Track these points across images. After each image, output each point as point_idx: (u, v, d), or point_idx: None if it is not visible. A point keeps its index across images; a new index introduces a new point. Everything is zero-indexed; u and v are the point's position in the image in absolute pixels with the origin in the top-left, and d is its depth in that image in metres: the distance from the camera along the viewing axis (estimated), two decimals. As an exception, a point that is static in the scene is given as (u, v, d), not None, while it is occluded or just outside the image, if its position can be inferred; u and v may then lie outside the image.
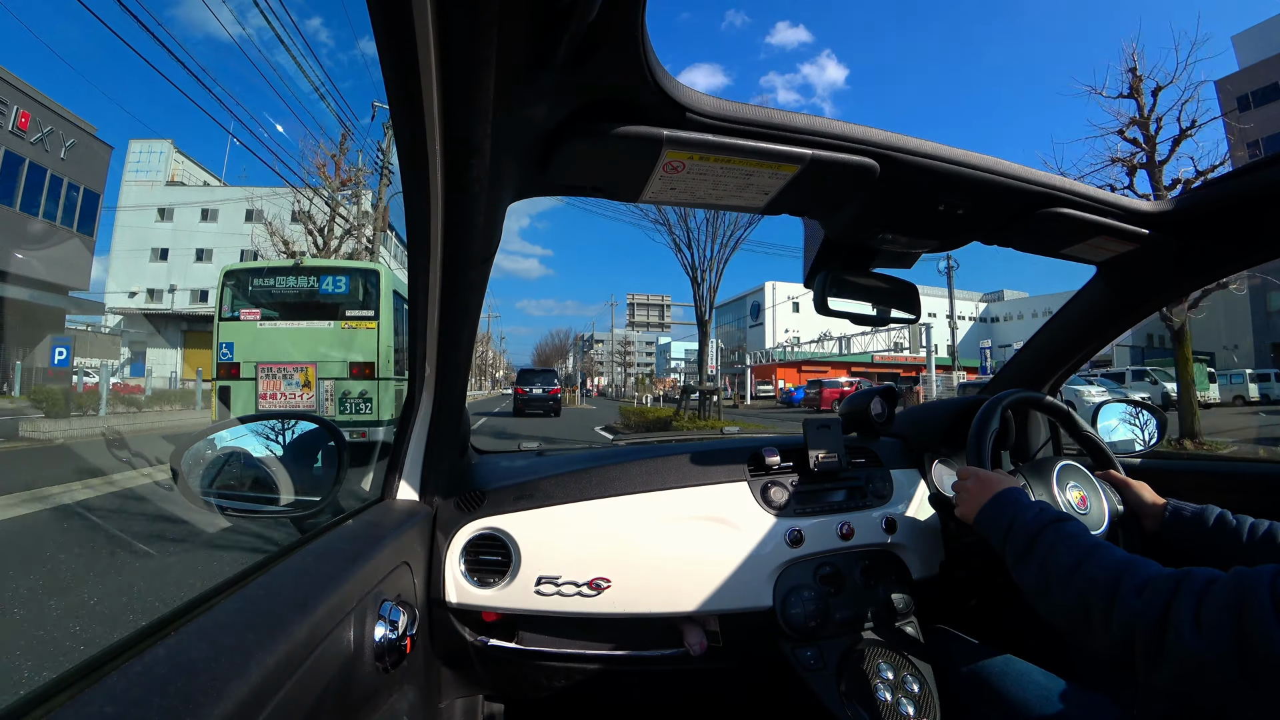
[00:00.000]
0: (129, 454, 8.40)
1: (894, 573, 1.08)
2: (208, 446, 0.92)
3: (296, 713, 0.47)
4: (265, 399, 6.99)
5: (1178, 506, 0.96)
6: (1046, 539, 0.71)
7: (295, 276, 7.15)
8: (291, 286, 7.15)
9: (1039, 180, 0.78)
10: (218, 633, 0.46)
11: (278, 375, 6.97)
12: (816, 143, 0.64)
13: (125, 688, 0.38)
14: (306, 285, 7.13)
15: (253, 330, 7.02)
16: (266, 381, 6.98)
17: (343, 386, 7.00)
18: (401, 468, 0.94)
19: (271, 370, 6.99)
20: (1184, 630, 0.52)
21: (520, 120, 0.54)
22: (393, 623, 0.68)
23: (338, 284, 7.15)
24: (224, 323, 7.01)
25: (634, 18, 0.45)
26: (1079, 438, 1.14)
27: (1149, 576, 0.59)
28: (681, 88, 0.55)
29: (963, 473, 0.93)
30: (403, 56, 0.43)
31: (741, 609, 0.98)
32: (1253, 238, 0.91)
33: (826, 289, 0.90)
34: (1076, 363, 1.29)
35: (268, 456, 0.92)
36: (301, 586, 0.56)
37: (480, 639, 0.99)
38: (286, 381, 6.98)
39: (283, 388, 6.99)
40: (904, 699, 0.91)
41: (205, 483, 0.89)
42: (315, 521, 0.85)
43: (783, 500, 1.04)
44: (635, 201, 0.72)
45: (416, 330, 0.80)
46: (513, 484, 1.03)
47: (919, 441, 1.26)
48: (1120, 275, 1.08)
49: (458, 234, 0.65)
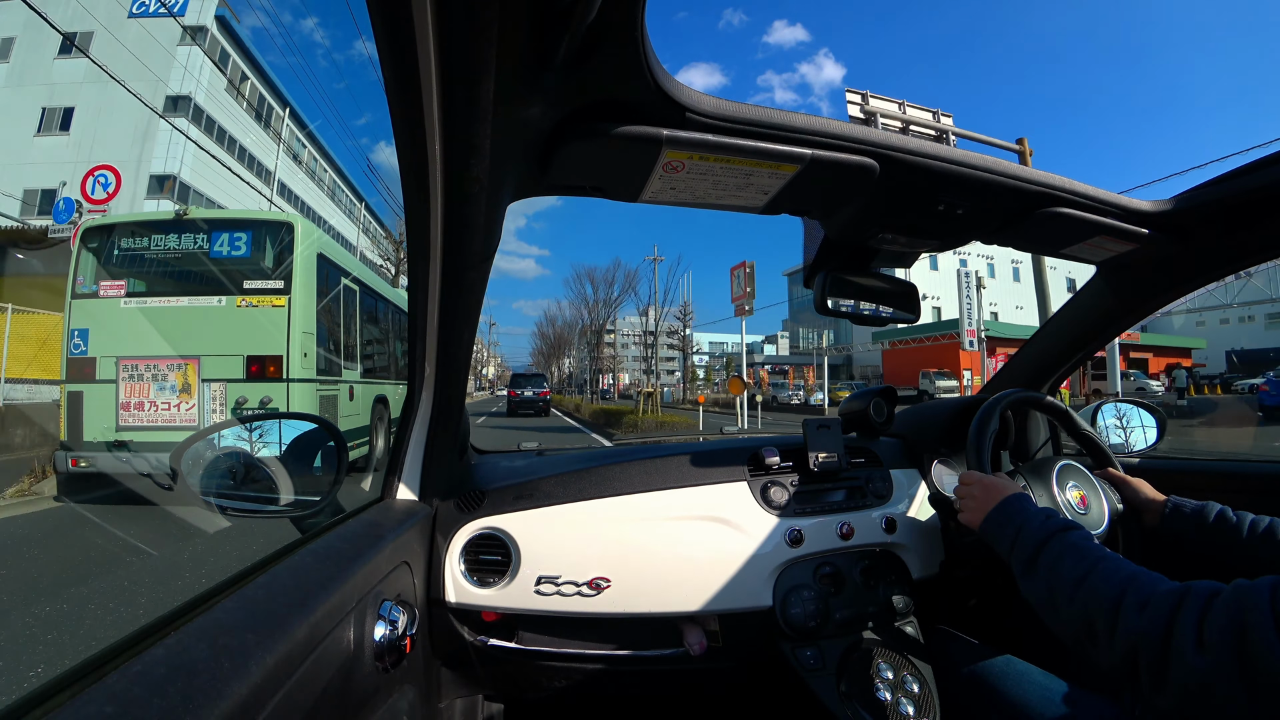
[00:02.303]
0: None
1: (894, 573, 1.08)
2: (208, 446, 0.92)
3: (296, 713, 0.47)
4: (128, 410, 4.86)
5: (1178, 503, 0.96)
6: (1052, 549, 0.71)
7: (178, 233, 5.09)
8: (172, 247, 5.06)
9: (1039, 180, 0.78)
10: (217, 633, 0.45)
11: (145, 376, 4.89)
12: (816, 142, 0.64)
13: (125, 688, 0.38)
14: (192, 244, 5.07)
15: (115, 311, 4.95)
16: (130, 386, 4.86)
17: (239, 392, 4.92)
18: (401, 468, 0.94)
19: (138, 369, 4.89)
20: (1186, 649, 0.52)
21: (520, 120, 0.54)
22: (392, 622, 0.68)
23: (236, 243, 5.07)
24: (78, 301, 4.99)
25: (634, 18, 0.45)
26: (1078, 437, 1.14)
27: (1151, 593, 0.58)
28: (681, 88, 0.55)
29: (965, 478, 0.93)
30: (403, 56, 0.43)
31: (741, 609, 0.98)
32: (1253, 238, 0.91)
33: (826, 289, 0.90)
34: (1076, 362, 1.29)
35: (268, 456, 0.92)
36: (301, 586, 0.56)
37: (480, 639, 0.99)
38: (157, 385, 4.87)
39: (152, 394, 4.86)
40: (904, 699, 0.91)
41: (205, 483, 0.89)
42: (315, 521, 0.86)
43: (783, 500, 1.04)
44: (635, 201, 0.72)
45: (416, 330, 0.80)
46: (512, 484, 1.03)
47: (919, 441, 1.26)
48: (1120, 275, 1.08)
49: (458, 234, 0.65)
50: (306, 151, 29.98)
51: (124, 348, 4.92)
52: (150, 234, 5.12)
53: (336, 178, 34.19)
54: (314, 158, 31.11)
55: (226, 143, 22.17)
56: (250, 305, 5.03)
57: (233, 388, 4.97)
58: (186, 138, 13.45)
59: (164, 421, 4.91)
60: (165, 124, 11.66)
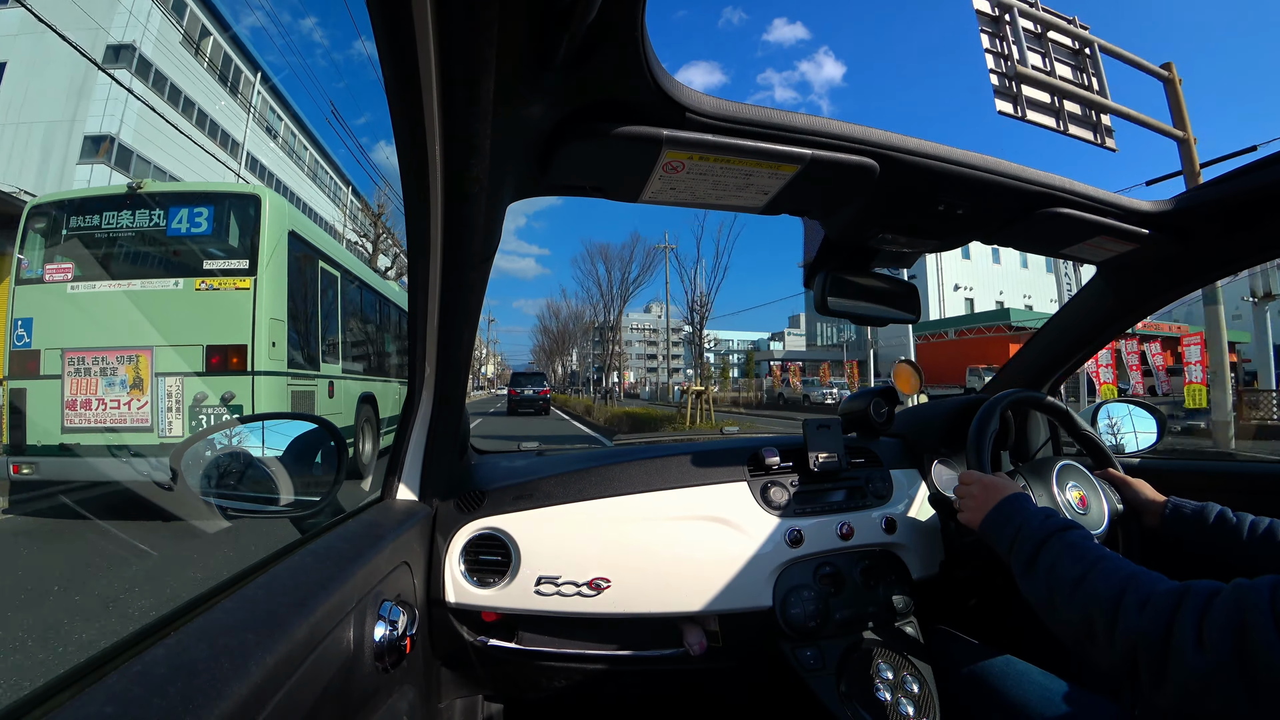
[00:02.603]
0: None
1: (894, 573, 1.08)
2: (207, 446, 0.92)
3: (296, 713, 0.47)
4: (74, 409, 4.32)
5: (1178, 504, 0.96)
6: (1052, 548, 0.71)
7: (131, 209, 4.52)
8: (126, 225, 4.51)
9: (1039, 180, 0.78)
10: (217, 633, 0.45)
11: (93, 370, 4.31)
12: (816, 142, 0.64)
13: (125, 688, 0.38)
14: (148, 221, 4.53)
15: (62, 297, 4.43)
16: (76, 381, 4.32)
17: (197, 388, 4.34)
18: (401, 468, 0.94)
19: (84, 362, 4.31)
20: (1186, 649, 0.52)
21: (520, 120, 0.54)
22: (392, 623, 0.68)
23: (196, 219, 4.53)
24: (22, 287, 4.48)
25: (634, 18, 0.45)
26: (1078, 437, 1.14)
27: (1151, 593, 0.58)
28: (681, 88, 0.55)
29: (965, 478, 0.93)
30: (403, 56, 0.43)
31: (741, 609, 0.98)
32: (1253, 238, 0.91)
33: (826, 289, 0.90)
34: (1076, 362, 1.29)
35: (268, 456, 0.92)
36: (301, 586, 0.56)
37: (480, 639, 0.99)
38: (106, 380, 4.30)
39: (100, 390, 4.30)
40: (904, 699, 0.91)
41: (205, 483, 0.89)
42: (315, 521, 0.86)
43: (783, 500, 1.04)
44: (635, 201, 0.72)
45: (416, 330, 0.80)
46: (512, 484, 1.03)
47: (919, 441, 1.26)
48: (1120, 275, 1.08)
49: (457, 234, 0.65)
50: (283, 125, 27.01)
51: (71, 338, 4.38)
52: (102, 210, 4.54)
53: (319, 156, 30.74)
54: (292, 132, 27.95)
55: (183, 105, 19.52)
56: (210, 288, 4.44)
57: (190, 382, 4.33)
58: (130, 92, 11.45)
59: (113, 422, 4.30)
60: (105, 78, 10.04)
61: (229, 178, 17.88)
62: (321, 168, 31.67)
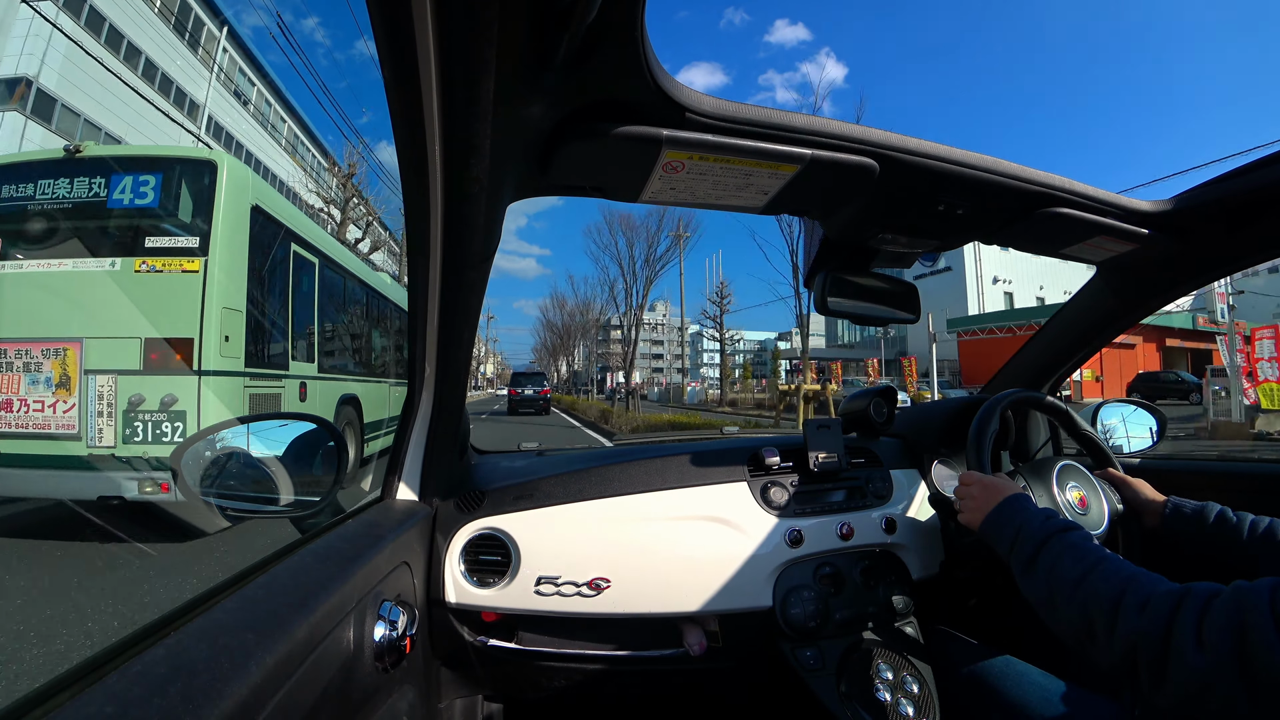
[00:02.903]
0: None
1: (894, 573, 1.08)
2: (208, 446, 0.92)
3: (296, 713, 0.47)
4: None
5: (1178, 504, 0.96)
6: (1052, 549, 0.71)
7: (69, 176, 3.80)
8: (62, 195, 3.79)
9: (1039, 180, 0.78)
10: (217, 633, 0.46)
11: (15, 366, 3.58)
12: (816, 143, 0.64)
13: (125, 688, 0.38)
14: (86, 191, 3.79)
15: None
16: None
17: (134, 388, 3.56)
18: (401, 468, 0.94)
19: (5, 355, 3.58)
20: (1186, 649, 0.52)
21: (520, 120, 0.54)
22: (392, 623, 0.68)
23: (141, 188, 3.78)
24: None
25: (634, 18, 0.45)
26: (1078, 437, 1.14)
27: (1151, 593, 0.58)
28: (681, 88, 0.55)
29: (965, 478, 0.93)
30: (403, 56, 0.43)
31: (741, 609, 0.98)
32: (1253, 237, 0.91)
33: (826, 289, 0.90)
34: (1076, 363, 1.29)
35: (268, 456, 0.92)
36: (301, 586, 0.56)
37: (480, 639, 0.99)
38: (29, 377, 3.58)
39: (22, 389, 3.57)
40: (904, 699, 0.91)
41: (205, 483, 0.89)
42: (315, 521, 0.86)
43: (783, 500, 1.04)
44: (635, 201, 0.72)
45: (416, 330, 0.80)
46: (512, 484, 1.03)
47: (919, 442, 1.26)
48: (1120, 275, 1.08)
49: (457, 234, 0.65)
50: (255, 90, 23.91)
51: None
52: (36, 179, 3.82)
53: (297, 128, 27.54)
54: (266, 99, 24.76)
55: (125, 52, 16.77)
56: (152, 270, 3.66)
57: (126, 382, 3.55)
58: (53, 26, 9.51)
59: (35, 426, 3.54)
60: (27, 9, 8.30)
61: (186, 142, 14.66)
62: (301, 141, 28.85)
